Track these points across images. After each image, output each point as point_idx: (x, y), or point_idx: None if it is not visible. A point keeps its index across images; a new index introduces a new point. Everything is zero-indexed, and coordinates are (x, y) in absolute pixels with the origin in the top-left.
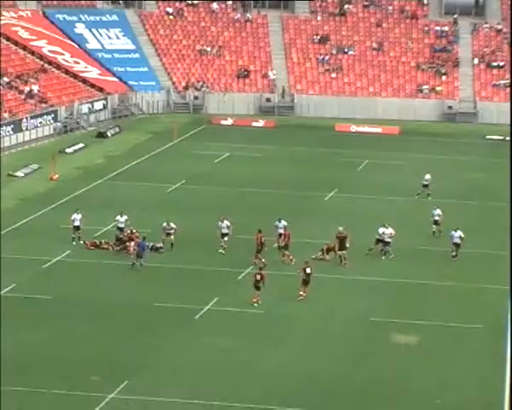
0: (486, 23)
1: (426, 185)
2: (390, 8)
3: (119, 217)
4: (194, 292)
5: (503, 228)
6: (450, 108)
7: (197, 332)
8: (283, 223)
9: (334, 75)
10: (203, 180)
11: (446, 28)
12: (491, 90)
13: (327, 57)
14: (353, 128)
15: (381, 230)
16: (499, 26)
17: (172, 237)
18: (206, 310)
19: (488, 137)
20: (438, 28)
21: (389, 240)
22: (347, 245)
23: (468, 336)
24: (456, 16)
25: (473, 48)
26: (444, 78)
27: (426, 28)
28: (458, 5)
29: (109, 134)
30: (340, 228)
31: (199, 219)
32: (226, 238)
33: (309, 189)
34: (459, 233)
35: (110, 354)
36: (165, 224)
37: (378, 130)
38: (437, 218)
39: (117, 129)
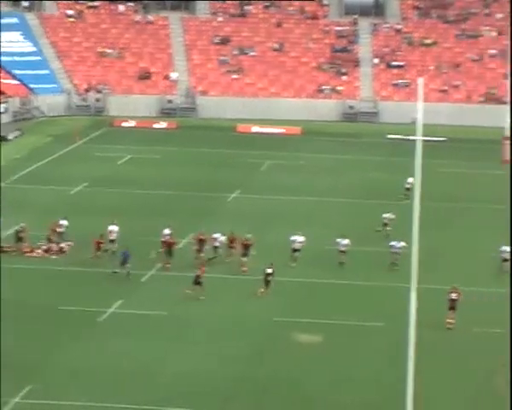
0: (386, 23)
1: (408, 189)
2: (290, 8)
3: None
4: (98, 295)
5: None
6: (351, 107)
7: (101, 335)
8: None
9: (235, 76)
10: (105, 183)
11: (346, 28)
12: (392, 90)
13: (228, 58)
14: (255, 129)
15: (293, 237)
16: (399, 26)
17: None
18: (111, 313)
19: (388, 136)
20: (338, 28)
21: (299, 247)
22: (251, 253)
23: (369, 333)
24: (356, 16)
25: (373, 48)
26: (344, 78)
27: (326, 28)
28: (358, 5)
29: (10, 137)
30: (249, 235)
31: (102, 222)
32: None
33: (212, 190)
34: (346, 241)
35: (13, 358)
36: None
37: (280, 130)
38: (386, 221)
39: (18, 132)
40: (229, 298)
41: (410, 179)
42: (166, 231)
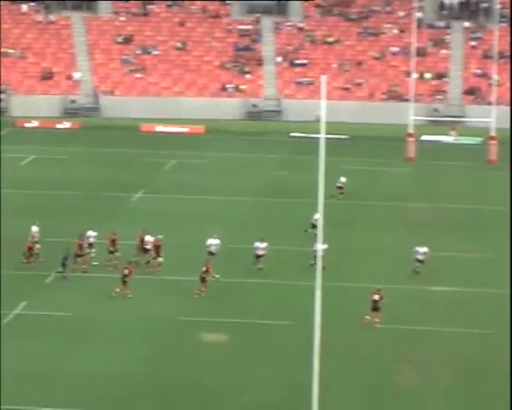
0: (289, 21)
1: (341, 187)
2: (193, 7)
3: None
4: (1, 297)
5: (308, 223)
6: (254, 106)
7: (4, 337)
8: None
9: (138, 75)
10: (8, 183)
11: (249, 27)
12: (295, 88)
13: (131, 57)
14: (159, 128)
15: (209, 241)
16: (301, 25)
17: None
18: (14, 315)
19: (292, 134)
20: (241, 27)
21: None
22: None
23: (277, 333)
24: (258, 15)
25: (275, 46)
26: (248, 76)
27: (229, 27)
28: (261, 4)
29: None
30: (160, 236)
31: (5, 223)
32: None
33: (116, 190)
34: (265, 244)
35: None
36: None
37: (184, 129)
38: (314, 222)
39: None
40: (135, 298)
41: (343, 179)
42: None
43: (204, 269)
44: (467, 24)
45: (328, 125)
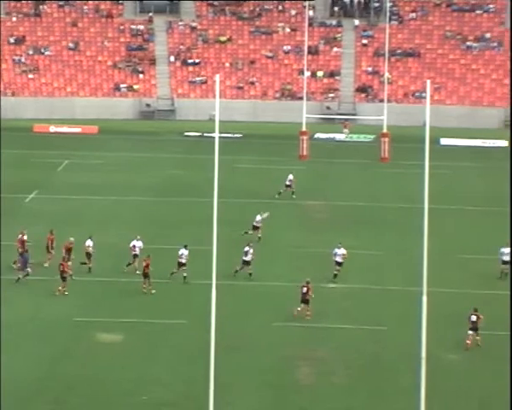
0: (181, 21)
1: (289, 185)
2: (85, 7)
3: None
4: None
5: (202, 222)
6: (148, 105)
7: None
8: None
9: (31, 76)
10: None
11: (142, 27)
12: (188, 87)
13: (23, 58)
14: (52, 129)
15: (132, 243)
16: (194, 24)
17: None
18: None
19: (186, 133)
20: (133, 27)
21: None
22: (72, 256)
23: (172, 331)
24: (151, 15)
25: (168, 46)
26: (141, 76)
27: (121, 27)
28: (153, 4)
29: None
30: (71, 239)
31: None
32: None
33: (10, 191)
34: (184, 251)
35: None
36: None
37: (77, 130)
38: (257, 224)
39: None
40: (30, 299)
41: (291, 176)
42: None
43: (144, 265)
44: (358, 22)
45: (222, 124)
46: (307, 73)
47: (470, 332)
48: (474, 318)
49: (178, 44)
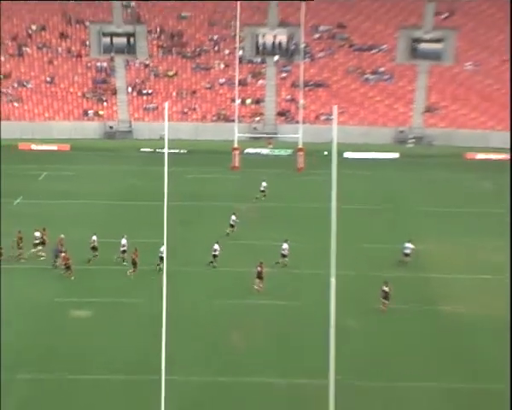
0: (137, 59)
1: (263, 191)
2: (59, 48)
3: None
4: None
5: (157, 223)
6: (111, 127)
7: None
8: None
9: (16, 104)
10: None
11: (105, 64)
12: (143, 113)
13: (9, 90)
14: (34, 147)
15: (122, 241)
16: (147, 62)
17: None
18: None
19: (142, 149)
20: (98, 64)
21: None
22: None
23: (131, 309)
24: (112, 54)
25: (127, 79)
26: (105, 104)
27: (88, 64)
28: (114, 45)
29: None
30: (62, 236)
31: None
32: None
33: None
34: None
35: None
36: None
37: (53, 147)
38: (232, 222)
39: None
40: (17, 285)
41: (264, 183)
42: None
43: (133, 255)
44: (278, 59)
45: (170, 141)
46: (238, 101)
47: (384, 301)
48: (386, 288)
49: (134, 78)
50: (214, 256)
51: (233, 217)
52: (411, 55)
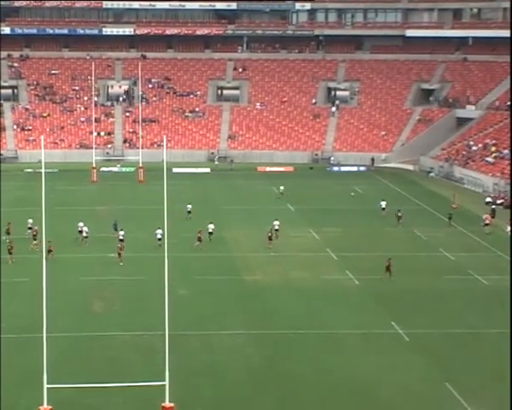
0: (20, 104)
1: (281, 193)
2: None
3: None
4: None
5: (39, 223)
6: (1, 155)
7: None
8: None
9: None
10: None
11: None
12: (25, 143)
13: None
14: None
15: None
16: (27, 106)
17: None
18: None
19: (25, 170)
20: None
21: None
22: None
23: (20, 286)
24: (1, 101)
25: (13, 119)
26: None
27: None
28: (2, 95)
29: None
30: (36, 227)
31: None
32: None
33: None
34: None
35: None
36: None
37: None
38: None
39: None
40: None
41: (282, 187)
42: None
43: (118, 248)
44: (122, 102)
45: (46, 164)
46: (95, 133)
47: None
48: (387, 263)
49: (18, 118)
50: (159, 239)
51: (29, 220)
52: (218, 98)
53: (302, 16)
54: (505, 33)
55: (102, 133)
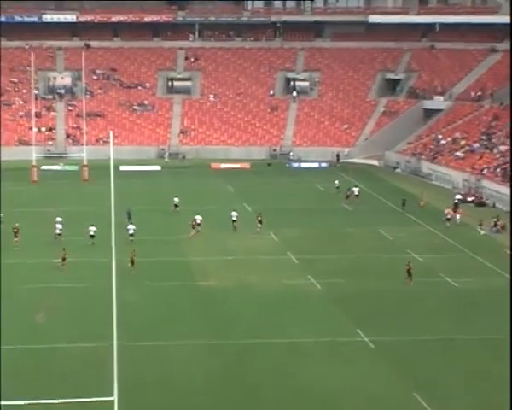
0: None
1: (338, 187)
2: None
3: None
4: None
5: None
6: None
7: None
8: None
9: None
10: None
11: None
12: None
13: None
14: None
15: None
16: None
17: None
18: None
19: None
20: None
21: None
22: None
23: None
24: None
25: None
26: None
27: None
28: None
29: None
30: (17, 224)
31: None
32: None
33: None
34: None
35: None
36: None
37: None
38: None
39: None
40: None
41: (337, 182)
42: None
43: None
44: (65, 96)
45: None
46: (35, 129)
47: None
48: (407, 267)
49: None
50: (92, 236)
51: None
52: (168, 90)
53: (258, 2)
54: (474, 19)
55: (43, 129)
